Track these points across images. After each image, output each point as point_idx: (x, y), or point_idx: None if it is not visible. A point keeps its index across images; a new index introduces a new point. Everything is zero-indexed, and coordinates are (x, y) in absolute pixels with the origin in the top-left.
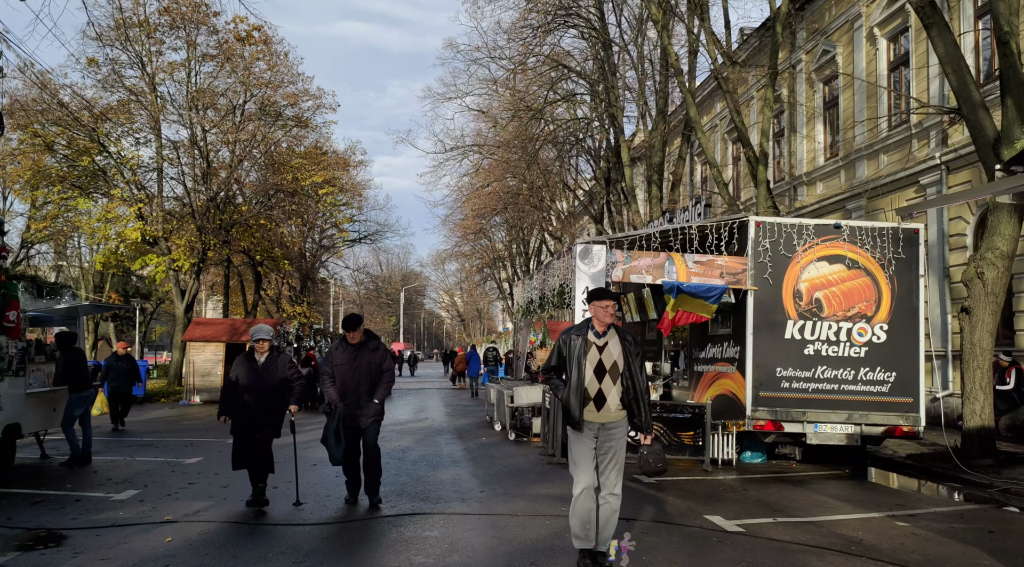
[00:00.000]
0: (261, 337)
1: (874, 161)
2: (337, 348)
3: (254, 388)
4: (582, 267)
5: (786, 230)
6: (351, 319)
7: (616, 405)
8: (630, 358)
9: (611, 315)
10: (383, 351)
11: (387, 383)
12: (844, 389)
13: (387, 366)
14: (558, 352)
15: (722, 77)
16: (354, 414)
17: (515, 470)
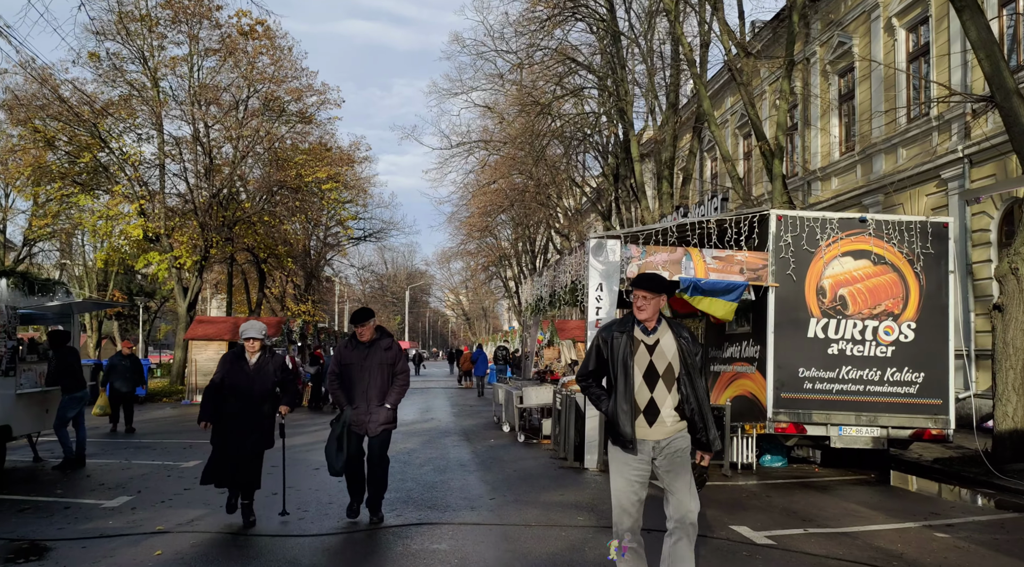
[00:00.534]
0: (252, 335)
1: (892, 155)
2: (346, 346)
3: (243, 392)
4: (595, 263)
5: (809, 224)
6: (361, 313)
7: (672, 417)
8: (688, 359)
9: (656, 308)
10: (397, 350)
11: (401, 386)
12: (870, 390)
13: (401, 367)
14: (596, 353)
15: (736, 69)
16: (362, 420)
17: (526, 475)
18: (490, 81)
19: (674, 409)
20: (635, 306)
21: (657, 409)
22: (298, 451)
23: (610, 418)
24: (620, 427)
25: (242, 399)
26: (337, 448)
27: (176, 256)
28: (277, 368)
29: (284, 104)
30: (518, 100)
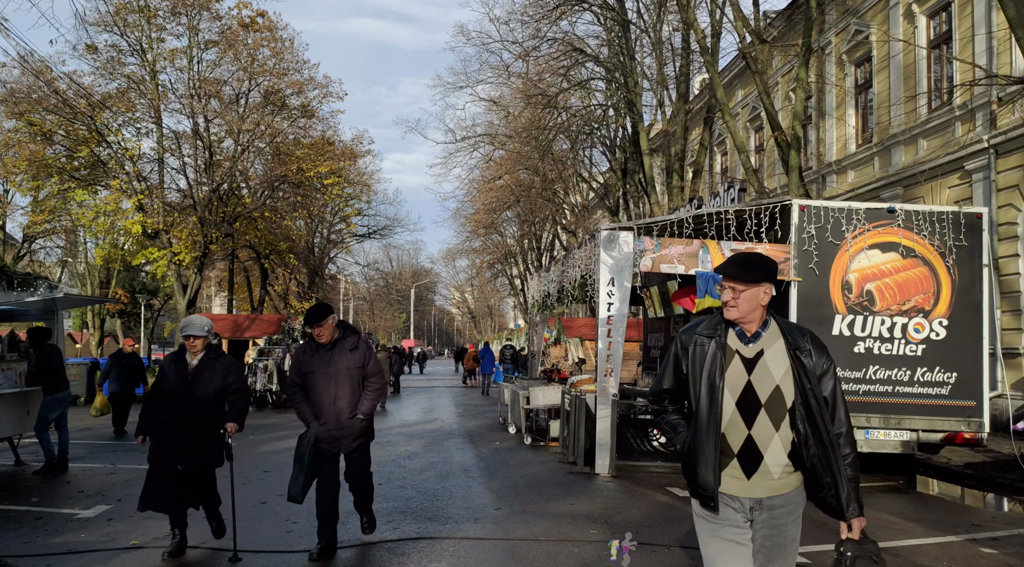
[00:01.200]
0: (192, 333)
1: (912, 146)
2: (304, 351)
3: (182, 400)
4: (606, 256)
5: (834, 215)
6: (316, 310)
7: (782, 465)
8: (807, 382)
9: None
10: (364, 350)
11: (374, 391)
12: (899, 391)
13: (373, 368)
14: (674, 365)
15: (751, 57)
16: (333, 436)
17: (533, 481)
18: (495, 74)
19: (787, 454)
20: (723, 302)
21: (758, 453)
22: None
23: (684, 458)
24: (698, 474)
25: (179, 408)
26: (298, 469)
27: (175, 252)
28: (224, 372)
29: (285, 97)
30: (524, 93)
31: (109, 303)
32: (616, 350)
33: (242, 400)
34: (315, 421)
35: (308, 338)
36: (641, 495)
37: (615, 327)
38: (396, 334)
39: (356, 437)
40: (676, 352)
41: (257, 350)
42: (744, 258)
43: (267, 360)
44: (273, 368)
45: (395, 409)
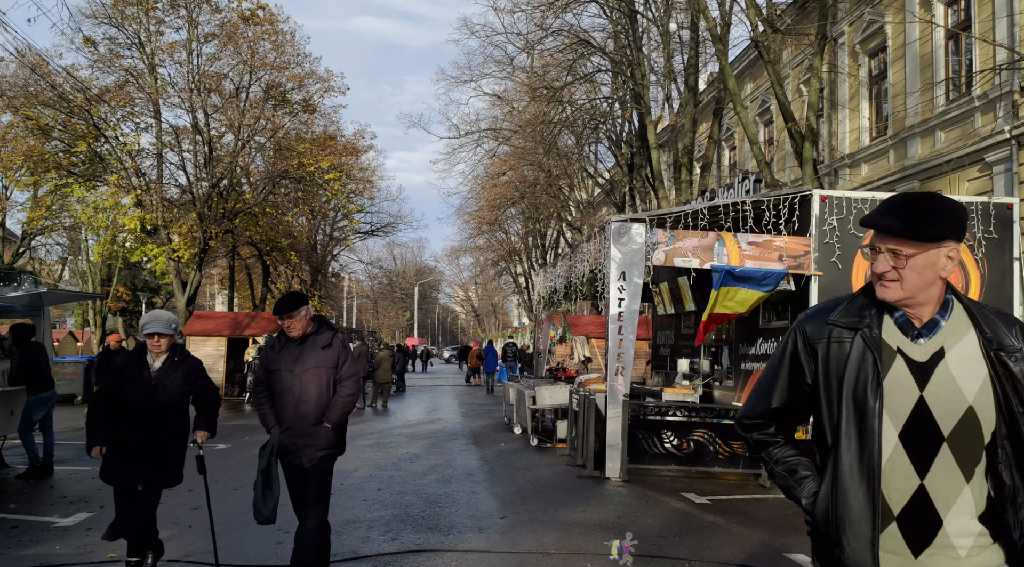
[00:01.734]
0: (156, 330)
1: (929, 138)
2: (272, 345)
3: (144, 408)
4: (617, 249)
5: (856, 205)
6: (287, 299)
7: (973, 535)
8: (1017, 397)
9: (926, 278)
10: (340, 348)
11: (346, 397)
12: None
13: (347, 370)
14: (790, 371)
15: (763, 46)
16: (295, 443)
17: (540, 486)
18: (500, 67)
19: (976, 517)
20: (874, 274)
21: (934, 515)
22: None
23: (814, 520)
24: (844, 548)
25: (140, 417)
26: (265, 486)
27: (174, 249)
28: (190, 375)
29: (286, 91)
30: (528, 86)
31: (96, 299)
32: (627, 348)
33: (213, 404)
34: (276, 427)
35: (279, 331)
36: (655, 502)
37: (626, 324)
38: (400, 332)
39: (321, 449)
40: (794, 350)
41: (257, 348)
42: (911, 201)
43: None
44: None
45: (398, 408)
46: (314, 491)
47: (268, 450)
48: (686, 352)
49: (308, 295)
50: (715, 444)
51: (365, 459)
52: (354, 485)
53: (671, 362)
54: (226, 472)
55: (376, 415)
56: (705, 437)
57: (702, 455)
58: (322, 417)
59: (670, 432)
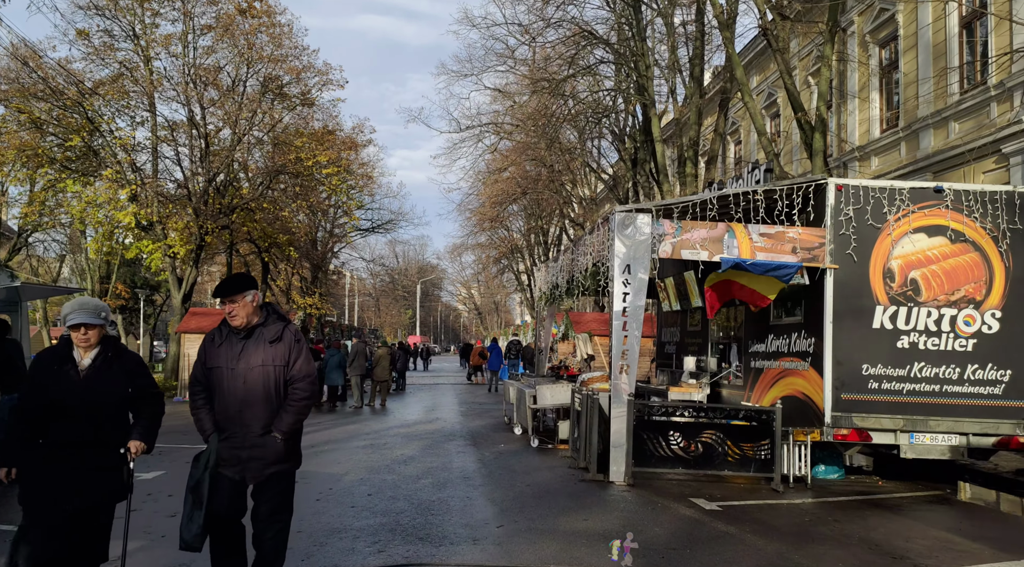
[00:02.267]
0: (82, 320)
1: (943, 130)
2: (212, 338)
3: (71, 413)
4: (622, 240)
5: (874, 195)
6: (229, 281)
7: None
8: None
9: None
10: (292, 342)
11: (299, 402)
12: (947, 391)
13: (300, 370)
14: None
15: (772, 35)
16: (238, 457)
17: (541, 491)
18: (501, 60)
19: None
20: None
21: None
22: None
23: None
24: None
25: (66, 423)
26: (193, 504)
27: (170, 245)
28: (129, 373)
29: (284, 85)
30: (530, 78)
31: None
32: (632, 346)
33: (153, 410)
34: (215, 435)
35: (220, 324)
36: (663, 508)
37: (631, 320)
38: (402, 330)
39: (270, 464)
40: None
41: None
42: None
43: None
44: None
45: (397, 407)
46: (265, 514)
47: (203, 463)
48: (692, 350)
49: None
50: (724, 446)
51: (358, 461)
52: (343, 490)
53: (676, 360)
54: None
55: (374, 414)
56: (714, 439)
57: (711, 458)
58: (271, 425)
59: (677, 433)
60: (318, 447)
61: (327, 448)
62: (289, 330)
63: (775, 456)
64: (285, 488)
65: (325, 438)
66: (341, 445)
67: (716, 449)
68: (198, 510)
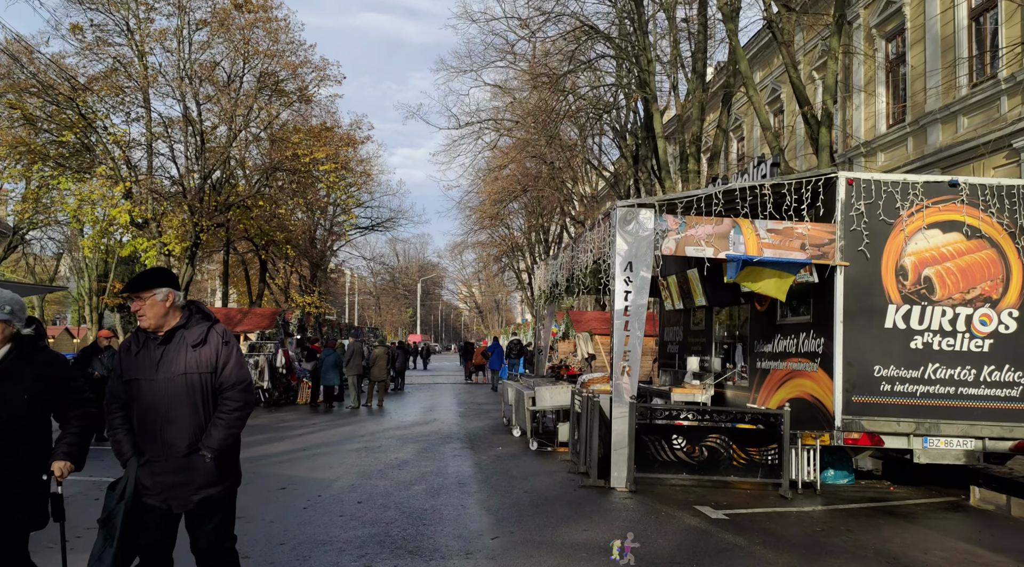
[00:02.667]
0: None
1: (951, 124)
2: (128, 346)
3: None
4: (624, 237)
5: (886, 189)
6: (138, 277)
7: None
8: None
9: None
10: (217, 346)
11: (231, 413)
12: (963, 393)
13: (231, 376)
14: None
15: (777, 27)
16: (162, 484)
17: (539, 498)
18: (500, 55)
19: None
20: None
21: None
22: (267, 464)
23: None
24: None
25: None
26: (104, 539)
27: (165, 243)
28: (48, 378)
29: (280, 81)
30: (530, 73)
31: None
32: (634, 346)
33: (82, 422)
34: (134, 458)
35: (136, 331)
36: (667, 517)
37: (633, 319)
38: (403, 329)
39: (199, 488)
40: None
41: (248, 345)
42: None
43: (258, 356)
44: (264, 364)
45: (394, 408)
46: (204, 547)
47: (118, 492)
48: (695, 349)
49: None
50: (730, 450)
51: (350, 466)
52: (332, 497)
53: (679, 360)
54: None
55: (370, 415)
56: (719, 442)
57: (716, 463)
58: (198, 442)
59: (681, 437)
60: (310, 450)
61: (319, 451)
62: (215, 331)
63: (783, 461)
64: (224, 516)
65: (318, 441)
66: (334, 448)
67: (721, 453)
68: (109, 546)
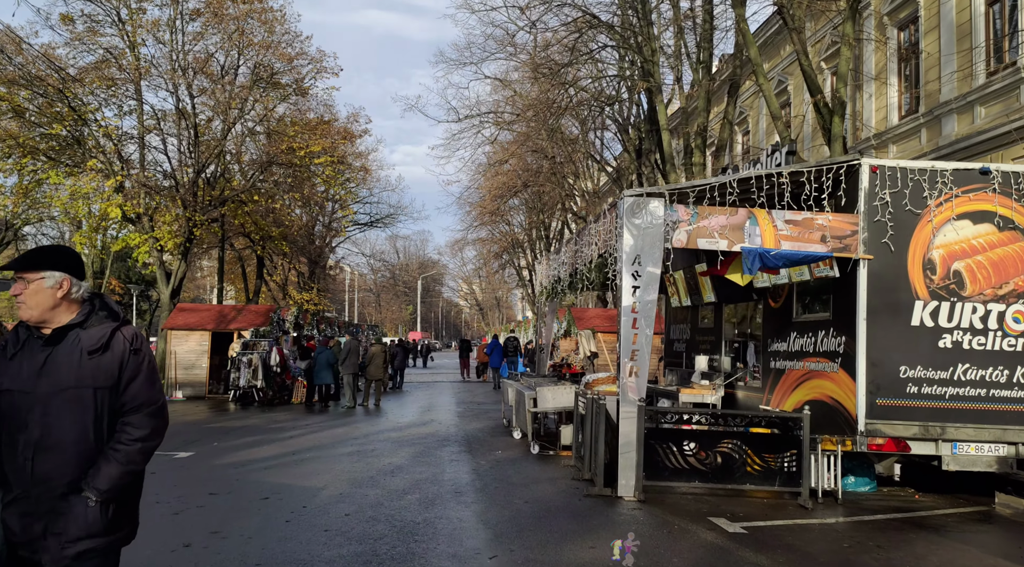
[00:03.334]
0: None
1: (967, 115)
2: (4, 349)
3: None
4: (632, 228)
5: (913, 177)
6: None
7: None
8: None
9: None
10: (123, 353)
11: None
12: (995, 396)
13: (139, 396)
14: None
15: (788, 13)
16: (32, 531)
17: (541, 509)
18: (501, 47)
19: None
20: None
21: None
22: (253, 469)
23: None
24: None
25: None
26: None
27: (157, 238)
28: None
29: (276, 73)
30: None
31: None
32: (642, 345)
33: None
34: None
35: (16, 326)
36: (680, 531)
37: (641, 317)
38: (403, 326)
39: (77, 539)
40: None
41: (242, 343)
42: None
43: (252, 354)
44: (258, 363)
45: (391, 407)
46: None
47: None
48: (704, 348)
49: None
50: (745, 456)
51: (340, 472)
52: (318, 508)
53: (687, 359)
54: (177, 488)
55: (366, 416)
56: (733, 448)
57: (730, 470)
58: (81, 480)
59: (692, 442)
60: (300, 454)
61: (309, 456)
62: (123, 335)
63: (802, 468)
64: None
65: (310, 443)
66: (325, 452)
67: (736, 460)
68: None
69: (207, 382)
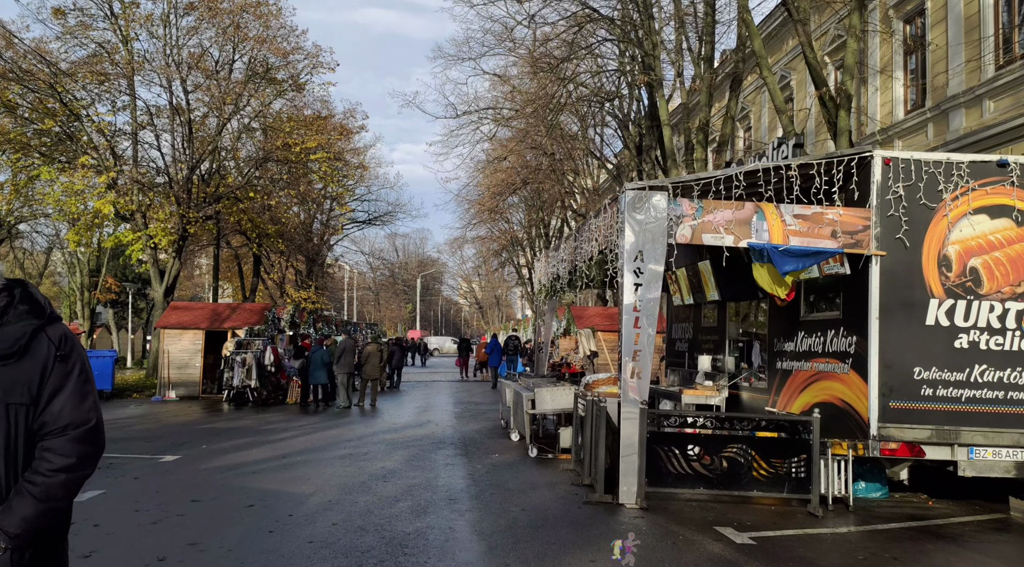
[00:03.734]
0: None
1: (975, 109)
2: None
3: None
4: (633, 223)
5: (928, 170)
6: None
7: None
8: None
9: None
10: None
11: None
12: (1014, 398)
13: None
14: None
15: (793, 5)
16: None
17: (538, 518)
18: (499, 42)
19: None
20: None
21: None
22: (240, 474)
23: None
24: None
25: None
26: None
27: (151, 235)
28: None
29: (270, 67)
30: (530, 59)
31: None
32: (645, 345)
33: None
34: None
35: None
36: (685, 542)
37: (644, 316)
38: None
39: None
40: None
41: (235, 342)
42: None
43: (246, 353)
44: (252, 362)
45: (388, 407)
46: None
47: None
48: (707, 348)
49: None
50: (752, 461)
51: (330, 477)
52: (305, 517)
53: (689, 359)
54: (160, 495)
55: (361, 416)
56: (739, 452)
57: (736, 476)
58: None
59: (696, 446)
60: (290, 457)
61: (299, 459)
62: (48, 336)
63: (812, 474)
64: None
65: (301, 446)
66: (316, 455)
67: (742, 465)
68: None
69: (201, 382)
